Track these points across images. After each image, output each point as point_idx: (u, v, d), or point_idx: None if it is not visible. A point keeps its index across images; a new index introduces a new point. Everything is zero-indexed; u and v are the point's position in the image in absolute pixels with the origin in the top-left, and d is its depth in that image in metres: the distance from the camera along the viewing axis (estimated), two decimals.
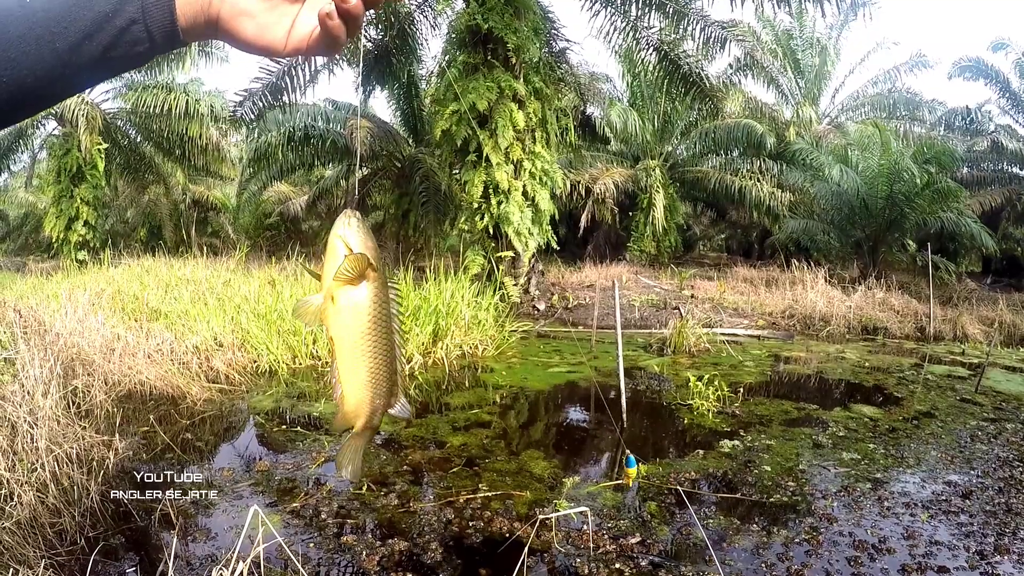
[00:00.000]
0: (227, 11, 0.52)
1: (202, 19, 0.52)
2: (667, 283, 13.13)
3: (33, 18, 0.48)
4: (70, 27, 0.48)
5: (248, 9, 0.52)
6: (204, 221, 24.28)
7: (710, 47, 11.00)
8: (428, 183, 14.16)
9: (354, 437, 0.69)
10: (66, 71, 0.49)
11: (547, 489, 3.42)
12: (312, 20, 0.52)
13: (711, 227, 26.34)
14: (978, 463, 3.99)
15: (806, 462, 3.91)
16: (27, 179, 21.91)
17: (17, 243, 26.18)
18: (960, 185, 12.96)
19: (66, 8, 0.49)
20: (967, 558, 2.74)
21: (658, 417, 5.07)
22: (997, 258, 17.55)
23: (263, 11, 0.53)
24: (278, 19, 0.53)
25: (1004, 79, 16.90)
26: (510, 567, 2.44)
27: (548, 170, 9.88)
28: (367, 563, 2.59)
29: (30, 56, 0.47)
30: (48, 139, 16.16)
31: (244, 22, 0.52)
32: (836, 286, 11.79)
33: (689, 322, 7.90)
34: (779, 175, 16.67)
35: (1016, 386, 6.25)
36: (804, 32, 18.51)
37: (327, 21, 0.50)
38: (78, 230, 14.67)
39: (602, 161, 18.36)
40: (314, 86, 36.93)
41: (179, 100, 14.22)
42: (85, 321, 5.21)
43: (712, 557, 2.68)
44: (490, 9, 9.02)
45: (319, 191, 18.19)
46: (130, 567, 2.59)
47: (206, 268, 9.51)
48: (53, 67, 0.48)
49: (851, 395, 5.85)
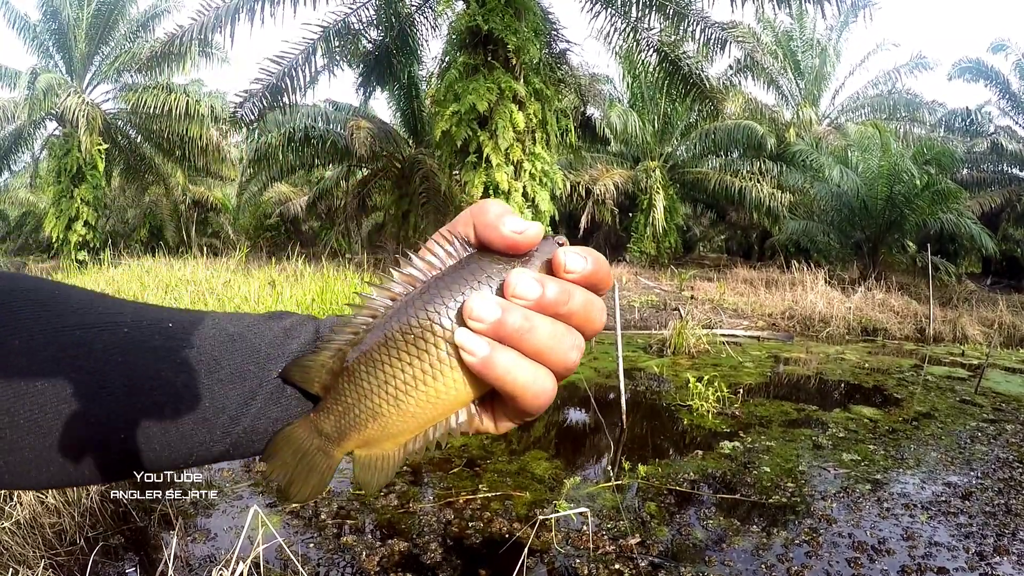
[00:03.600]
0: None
1: None
2: (667, 284, 13.13)
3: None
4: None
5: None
6: (204, 222, 24.30)
7: (710, 48, 11.02)
8: (428, 184, 14.16)
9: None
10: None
11: (547, 490, 3.42)
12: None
13: (711, 228, 26.36)
14: (978, 464, 3.99)
15: (806, 463, 3.91)
16: (30, 179, 21.94)
17: (17, 243, 26.18)
18: (960, 186, 12.98)
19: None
20: (967, 559, 2.74)
21: (658, 418, 5.07)
22: (997, 259, 17.56)
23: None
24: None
25: (1004, 80, 16.93)
26: (510, 568, 2.44)
27: (548, 171, 9.88)
28: (367, 563, 2.59)
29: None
30: (48, 139, 16.17)
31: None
32: (836, 287, 11.80)
33: (689, 323, 7.90)
34: (779, 176, 16.68)
35: (1016, 387, 6.25)
36: (804, 33, 18.53)
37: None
38: (78, 230, 14.68)
39: (602, 162, 18.38)
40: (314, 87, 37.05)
41: (179, 101, 14.23)
42: None
43: (712, 558, 2.68)
44: (490, 10, 9.02)
45: (319, 192, 18.20)
46: (130, 567, 2.59)
47: (206, 269, 9.52)
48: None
49: (851, 396, 5.85)
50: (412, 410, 0.34)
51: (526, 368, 0.33)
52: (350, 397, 0.35)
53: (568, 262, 0.34)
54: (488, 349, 0.32)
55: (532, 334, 0.32)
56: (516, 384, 0.33)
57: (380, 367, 0.34)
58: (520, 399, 0.33)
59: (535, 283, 0.32)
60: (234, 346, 0.37)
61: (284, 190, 21.70)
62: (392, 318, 0.34)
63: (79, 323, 0.35)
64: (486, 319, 0.32)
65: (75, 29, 14.81)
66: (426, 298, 0.34)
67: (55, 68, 15.26)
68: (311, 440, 0.38)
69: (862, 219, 13.79)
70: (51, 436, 0.34)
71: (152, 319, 0.38)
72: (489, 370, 0.32)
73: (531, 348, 0.33)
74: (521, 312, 0.32)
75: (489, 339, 0.32)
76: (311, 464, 0.38)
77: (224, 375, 0.36)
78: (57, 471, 0.35)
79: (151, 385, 0.35)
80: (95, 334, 0.35)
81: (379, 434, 0.36)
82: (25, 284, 0.37)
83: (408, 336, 0.34)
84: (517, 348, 0.33)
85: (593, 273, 0.34)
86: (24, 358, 0.33)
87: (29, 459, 0.34)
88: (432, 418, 0.35)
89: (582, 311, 0.34)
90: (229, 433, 0.37)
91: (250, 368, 0.37)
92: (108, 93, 16.18)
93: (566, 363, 0.34)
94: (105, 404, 0.34)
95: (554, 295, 0.33)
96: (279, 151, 14.74)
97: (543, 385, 0.33)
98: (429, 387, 0.34)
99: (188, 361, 0.36)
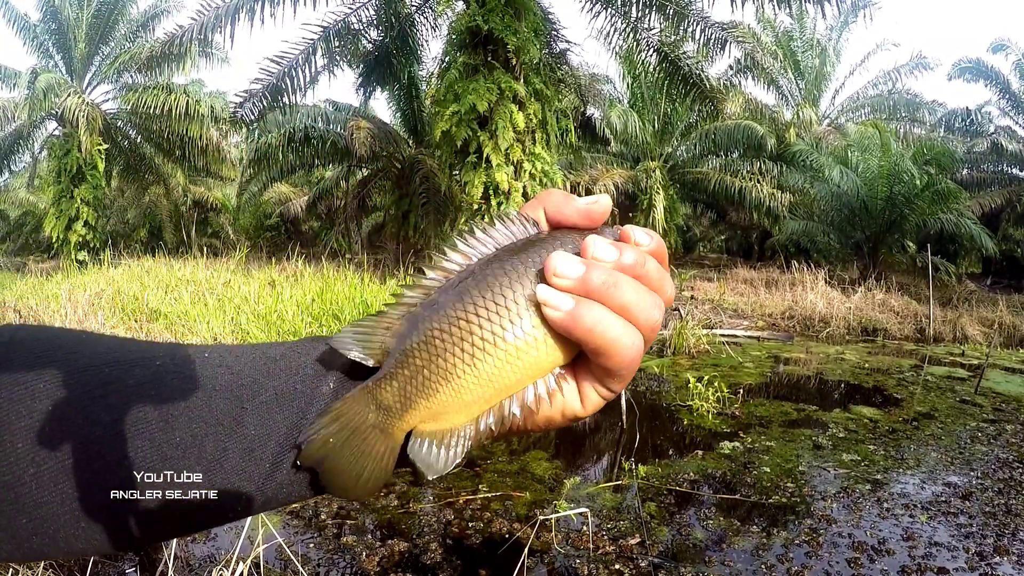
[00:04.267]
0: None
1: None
2: None
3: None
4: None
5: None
6: (204, 222, 24.31)
7: (710, 48, 11.02)
8: (428, 184, 14.17)
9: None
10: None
11: (547, 490, 3.42)
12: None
13: (711, 228, 26.36)
14: (978, 464, 3.99)
15: (806, 463, 3.91)
16: (29, 179, 21.94)
17: (17, 243, 26.20)
18: (960, 186, 12.99)
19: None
20: (967, 559, 2.74)
21: (658, 418, 5.07)
22: (997, 259, 17.56)
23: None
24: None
25: (1004, 80, 16.93)
26: (510, 568, 2.44)
27: (548, 171, 9.88)
28: (367, 563, 2.59)
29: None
30: (48, 139, 16.18)
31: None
32: (836, 287, 11.80)
33: (689, 323, 7.90)
34: (779, 176, 16.69)
35: (1016, 387, 6.25)
36: (804, 33, 18.54)
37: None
38: (78, 230, 14.68)
39: (602, 162, 18.38)
40: (314, 87, 37.06)
41: (179, 101, 14.23)
42: (85, 322, 5.21)
43: (712, 558, 2.68)
44: (490, 10, 9.02)
45: (319, 192, 18.21)
46: (130, 567, 2.59)
47: (206, 269, 9.52)
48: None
49: (851, 396, 5.85)
50: (489, 372, 0.32)
51: (615, 321, 0.32)
52: (419, 358, 0.32)
53: (637, 236, 0.35)
54: (573, 303, 0.32)
55: (617, 289, 0.32)
56: (606, 337, 0.32)
57: (455, 323, 0.31)
58: (611, 355, 0.32)
59: (613, 247, 0.33)
60: (276, 366, 0.34)
61: (284, 190, 21.71)
62: (468, 277, 0.33)
63: (112, 360, 0.33)
64: (570, 275, 0.32)
65: (75, 29, 14.82)
66: (505, 259, 0.33)
67: (55, 68, 15.26)
68: (366, 415, 0.32)
69: (862, 219, 13.79)
70: (78, 486, 0.30)
71: (189, 352, 0.35)
72: (576, 324, 0.31)
73: (617, 303, 0.32)
74: (604, 269, 0.32)
75: (574, 295, 0.32)
76: (365, 446, 0.33)
77: (267, 397, 0.33)
78: (87, 530, 0.31)
79: (188, 416, 0.32)
80: (126, 370, 0.33)
81: (451, 402, 0.32)
82: (53, 332, 0.35)
83: (487, 293, 0.32)
84: (604, 303, 0.32)
85: (658, 249, 0.35)
86: (49, 402, 0.31)
87: (57, 516, 0.31)
88: (510, 384, 0.32)
89: (657, 278, 0.34)
90: (279, 466, 0.33)
91: (297, 387, 0.34)
92: (108, 93, 16.18)
93: (650, 321, 0.33)
94: (137, 444, 0.31)
95: (631, 259, 0.33)
96: (279, 151, 14.74)
97: (632, 340, 0.33)
98: (509, 345, 0.31)
99: (228, 387, 0.33)
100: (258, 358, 0.35)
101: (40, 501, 0.30)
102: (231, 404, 0.33)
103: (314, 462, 0.32)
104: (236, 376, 0.34)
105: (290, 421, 0.33)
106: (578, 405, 0.36)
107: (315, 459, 0.32)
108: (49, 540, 0.31)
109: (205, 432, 0.32)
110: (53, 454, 0.30)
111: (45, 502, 0.30)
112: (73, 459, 0.30)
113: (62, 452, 0.30)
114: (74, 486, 0.31)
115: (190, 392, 0.32)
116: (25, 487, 0.30)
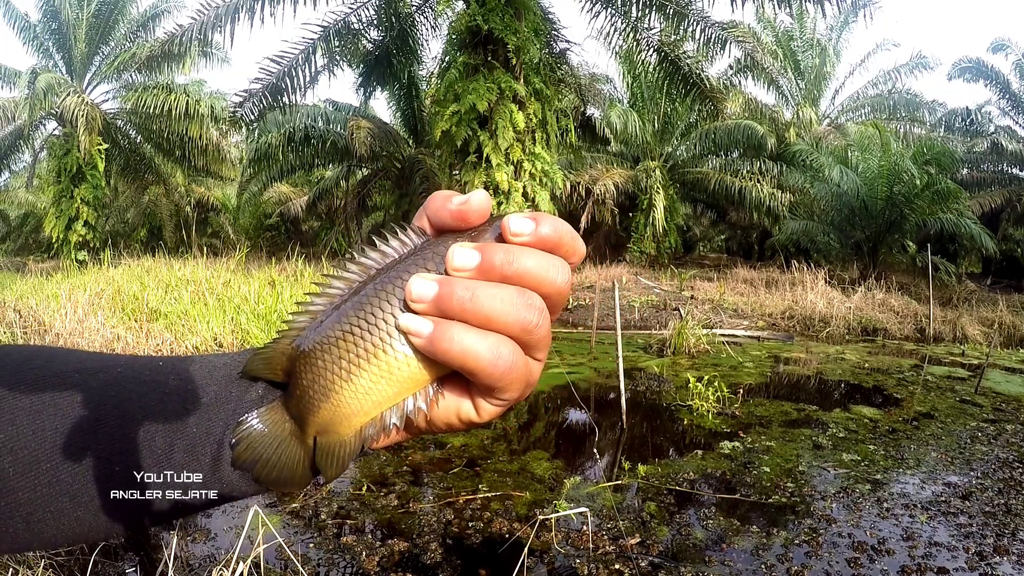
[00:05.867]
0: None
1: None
2: (667, 284, 13.13)
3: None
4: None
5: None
6: (204, 221, 24.31)
7: (710, 48, 11.02)
8: (428, 184, 14.18)
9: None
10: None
11: (547, 490, 3.43)
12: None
13: (711, 228, 26.37)
14: (978, 464, 3.99)
15: (805, 463, 3.91)
16: (28, 179, 21.94)
17: (17, 243, 26.22)
18: (960, 186, 12.99)
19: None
20: (966, 559, 2.75)
21: (658, 418, 5.07)
22: (997, 259, 17.57)
23: None
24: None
25: (1004, 80, 16.93)
26: (510, 568, 2.44)
27: (548, 171, 9.89)
28: (367, 563, 2.59)
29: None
30: (48, 139, 16.18)
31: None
32: (836, 287, 11.80)
33: (689, 323, 7.90)
34: (779, 176, 16.69)
35: (1016, 387, 6.25)
36: (804, 33, 18.53)
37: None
38: (78, 230, 14.68)
39: (602, 162, 18.38)
40: (314, 87, 37.06)
41: (179, 101, 14.23)
42: (85, 321, 5.21)
43: (712, 558, 2.68)
44: (490, 10, 9.03)
45: (319, 192, 18.22)
46: (130, 567, 2.59)
47: (206, 268, 9.51)
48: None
49: (851, 396, 5.85)
50: (365, 386, 0.34)
51: (474, 338, 0.31)
52: (306, 377, 0.35)
53: (513, 225, 0.32)
54: (431, 327, 0.31)
55: (475, 302, 0.31)
56: (467, 356, 0.31)
57: (333, 344, 0.34)
58: (478, 371, 0.32)
59: (472, 252, 0.32)
60: (218, 373, 0.38)
61: (284, 190, 21.71)
62: (346, 300, 0.35)
63: (80, 368, 0.36)
64: (425, 298, 0.31)
65: (75, 29, 14.81)
66: (377, 282, 0.34)
67: (55, 68, 15.26)
68: (283, 423, 0.36)
69: (862, 219, 13.79)
70: (53, 476, 0.33)
71: (147, 361, 0.38)
72: (436, 347, 0.31)
73: (477, 317, 0.31)
74: (460, 283, 0.31)
75: (433, 317, 0.32)
76: (287, 450, 0.36)
77: (208, 400, 0.36)
78: (60, 518, 0.34)
79: (142, 416, 0.35)
80: (92, 375, 0.36)
81: (334, 415, 0.35)
82: (33, 349, 0.38)
83: (360, 314, 0.33)
84: (463, 320, 0.31)
85: (547, 236, 0.32)
86: (27, 399, 0.34)
87: (32, 501, 0.33)
88: (387, 398, 0.34)
89: (535, 271, 0.32)
90: (219, 461, 0.36)
91: (232, 391, 0.37)
92: (108, 93, 16.19)
93: (522, 323, 0.32)
94: (102, 438, 0.34)
95: (494, 259, 0.31)
96: (279, 151, 14.75)
97: (498, 351, 0.31)
98: (380, 361, 0.33)
99: (175, 391, 0.36)
100: (204, 366, 0.38)
101: (15, 487, 0.33)
102: (177, 406, 0.36)
103: (244, 463, 0.36)
104: (183, 382, 0.37)
105: (224, 423, 0.36)
106: (472, 413, 0.36)
107: (245, 461, 0.36)
108: (26, 529, 0.34)
109: (155, 430, 0.35)
110: (31, 449, 0.33)
111: (16, 488, 0.33)
112: (46, 449, 0.34)
113: (36, 445, 0.34)
114: (44, 474, 0.34)
115: (144, 395, 0.36)
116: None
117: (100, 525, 0.35)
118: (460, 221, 0.33)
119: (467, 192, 0.36)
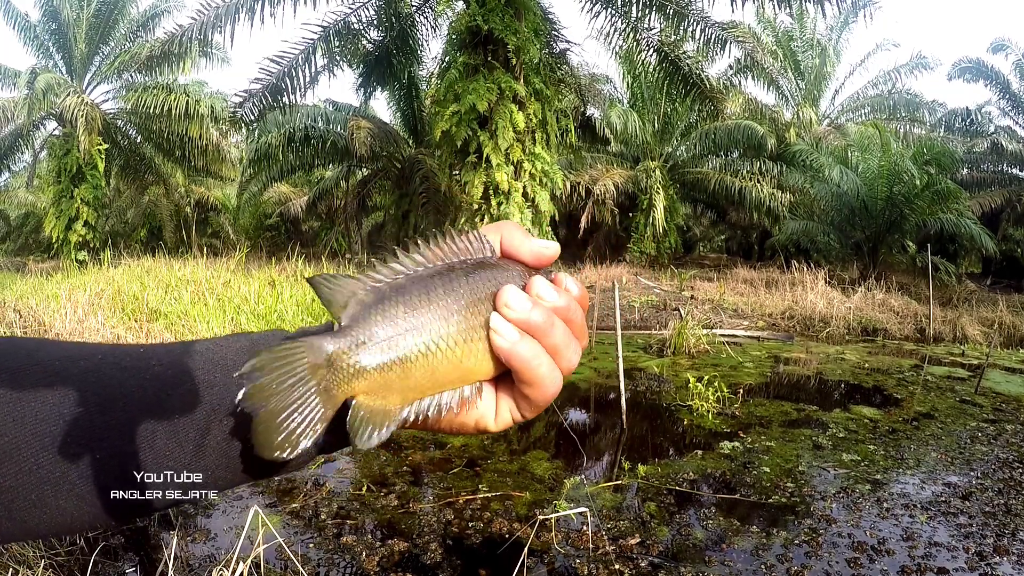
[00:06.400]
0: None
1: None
2: (667, 284, 13.14)
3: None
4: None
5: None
6: (204, 222, 24.32)
7: (710, 48, 11.02)
8: (428, 184, 14.18)
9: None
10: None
11: (547, 490, 3.42)
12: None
13: (711, 228, 26.37)
14: (978, 464, 3.99)
15: (805, 463, 3.91)
16: (28, 179, 21.94)
17: (17, 243, 26.21)
18: (960, 186, 12.99)
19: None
20: (966, 559, 2.75)
21: (658, 418, 5.07)
22: (997, 259, 17.56)
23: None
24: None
25: (1004, 80, 16.93)
26: (510, 568, 2.44)
27: (548, 171, 9.88)
28: (367, 563, 2.59)
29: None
30: (48, 139, 16.18)
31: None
32: (836, 287, 11.80)
33: (689, 323, 7.90)
34: (779, 176, 16.70)
35: (1016, 387, 6.25)
36: (804, 33, 18.53)
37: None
38: (78, 230, 14.68)
39: (602, 162, 18.39)
40: (314, 87, 37.05)
41: (179, 101, 14.23)
42: (85, 321, 5.21)
43: (712, 558, 2.68)
44: (490, 10, 9.02)
45: (319, 192, 18.22)
46: (130, 567, 2.59)
47: (206, 269, 9.51)
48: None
49: (851, 396, 5.85)
50: (436, 365, 0.35)
51: (545, 360, 0.36)
52: (383, 332, 0.33)
53: (568, 283, 0.39)
54: (518, 336, 0.36)
55: (552, 331, 0.37)
56: (536, 372, 0.36)
57: (421, 313, 0.34)
58: (535, 386, 0.37)
59: (555, 291, 0.38)
60: (200, 358, 0.38)
61: (284, 190, 21.72)
62: (435, 276, 0.36)
63: (61, 356, 0.37)
64: (519, 310, 0.36)
65: (75, 29, 14.81)
66: (469, 272, 0.36)
67: (55, 68, 15.25)
68: (317, 366, 0.32)
69: (862, 219, 13.79)
70: (35, 463, 0.33)
71: (130, 348, 0.38)
72: (515, 354, 0.36)
73: (550, 343, 0.37)
74: (548, 312, 0.37)
75: (518, 328, 0.36)
76: (305, 399, 0.32)
77: (191, 386, 0.36)
78: (42, 507, 0.34)
79: (123, 402, 0.35)
80: (73, 363, 0.36)
81: (397, 381, 0.34)
82: (16, 341, 0.38)
83: (451, 296, 0.35)
84: (539, 340, 0.36)
85: (582, 298, 0.40)
86: (8, 387, 0.34)
87: (13, 488, 0.33)
88: (446, 382, 0.36)
89: (579, 324, 0.39)
90: (202, 448, 0.36)
91: (216, 376, 0.37)
92: (108, 93, 16.18)
93: (571, 364, 0.38)
94: (83, 425, 0.34)
95: (565, 304, 0.38)
96: (279, 151, 14.75)
97: (555, 378, 0.37)
98: (459, 349, 0.35)
99: (157, 376, 0.36)
100: (186, 351, 0.38)
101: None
102: (159, 391, 0.36)
103: (252, 404, 0.32)
104: (165, 367, 0.37)
105: (208, 408, 0.36)
106: (490, 420, 0.40)
107: (254, 402, 0.32)
108: (13, 519, 0.34)
109: (136, 416, 0.35)
110: (8, 431, 0.33)
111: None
112: (26, 436, 0.33)
113: (17, 431, 0.33)
114: (27, 461, 0.33)
115: (125, 381, 0.36)
116: None
117: (83, 514, 0.35)
118: (536, 260, 0.39)
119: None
